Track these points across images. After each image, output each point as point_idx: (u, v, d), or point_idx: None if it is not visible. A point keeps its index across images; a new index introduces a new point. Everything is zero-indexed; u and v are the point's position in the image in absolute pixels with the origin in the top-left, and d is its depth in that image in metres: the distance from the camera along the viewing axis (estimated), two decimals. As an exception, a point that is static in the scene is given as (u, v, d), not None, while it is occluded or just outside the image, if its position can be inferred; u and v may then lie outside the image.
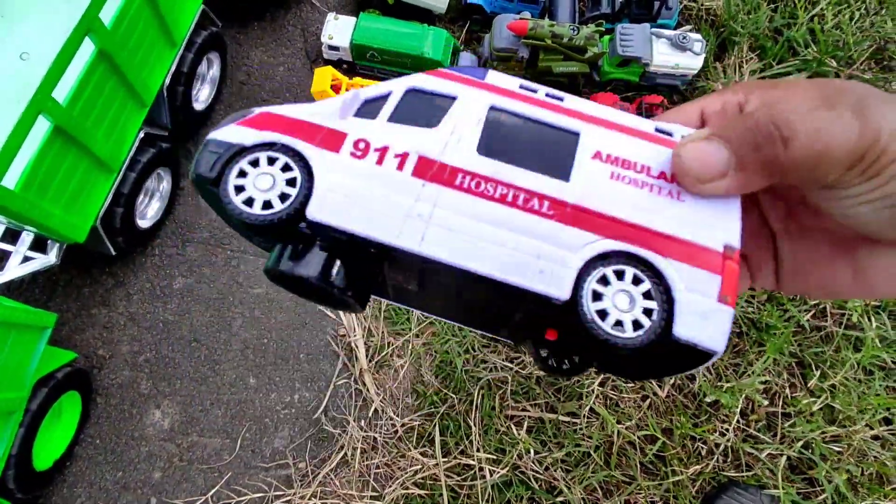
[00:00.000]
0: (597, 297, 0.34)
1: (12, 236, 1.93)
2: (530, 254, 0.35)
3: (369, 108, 0.40)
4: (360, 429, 2.25)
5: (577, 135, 0.39)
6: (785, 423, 2.29)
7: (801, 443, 2.24)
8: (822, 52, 2.67)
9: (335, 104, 0.41)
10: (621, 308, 0.34)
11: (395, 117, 0.40)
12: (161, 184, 2.19)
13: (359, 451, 2.23)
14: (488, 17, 2.65)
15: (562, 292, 0.34)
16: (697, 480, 2.24)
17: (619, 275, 0.34)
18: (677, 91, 2.69)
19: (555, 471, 2.23)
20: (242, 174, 0.39)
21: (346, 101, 0.41)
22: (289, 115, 0.41)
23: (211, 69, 2.33)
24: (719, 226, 0.36)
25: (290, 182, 0.38)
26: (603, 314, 0.34)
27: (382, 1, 2.56)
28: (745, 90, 0.39)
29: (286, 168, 0.38)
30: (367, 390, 2.31)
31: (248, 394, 2.25)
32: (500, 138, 0.38)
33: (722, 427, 2.26)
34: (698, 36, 2.56)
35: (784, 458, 2.22)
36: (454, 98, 0.40)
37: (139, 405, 2.17)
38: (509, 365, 2.36)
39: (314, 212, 0.36)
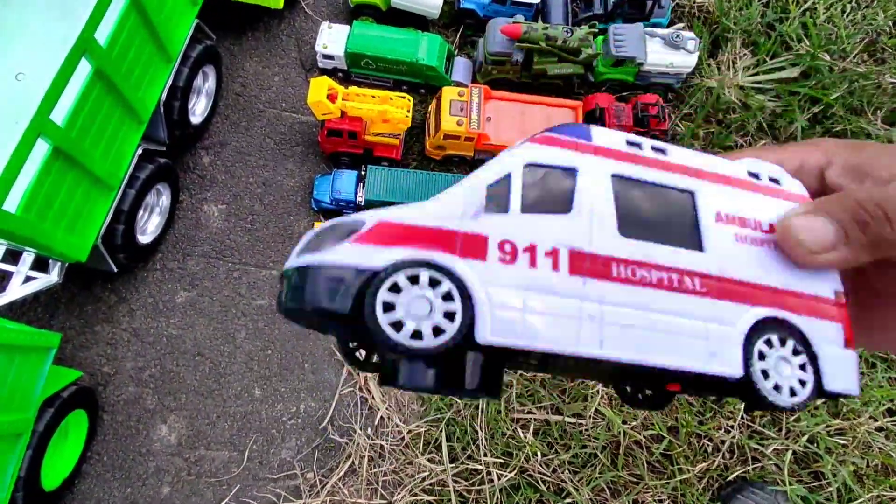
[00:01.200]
0: (765, 374, 0.37)
1: (13, 256, 1.93)
2: (699, 336, 0.36)
3: (495, 197, 0.38)
4: (366, 437, 2.26)
5: (692, 194, 0.40)
6: (790, 417, 2.31)
7: (806, 437, 2.25)
8: (815, 47, 2.68)
9: (456, 199, 0.38)
10: (785, 375, 0.37)
11: (526, 206, 0.38)
12: (160, 199, 2.19)
13: (366, 459, 2.23)
14: (481, 21, 2.66)
15: (735, 370, 0.37)
16: (704, 478, 2.25)
17: (770, 343, 0.38)
18: (672, 89, 2.70)
19: (562, 472, 2.24)
20: (390, 307, 0.34)
21: (468, 194, 0.38)
22: (413, 223, 0.36)
23: (207, 82, 2.33)
24: (824, 274, 0.39)
25: (447, 297, 0.34)
26: (771, 384, 0.37)
27: (376, 8, 2.56)
28: (825, 151, 0.41)
29: (434, 283, 0.35)
30: (373, 398, 2.31)
31: (254, 405, 2.26)
32: (632, 212, 0.39)
33: (727, 424, 2.27)
34: (691, 34, 2.57)
35: (790, 452, 2.23)
36: (575, 171, 0.39)
37: (145, 420, 2.17)
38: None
39: (486, 335, 0.34)
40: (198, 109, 2.32)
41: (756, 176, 0.42)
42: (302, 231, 2.44)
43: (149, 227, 2.17)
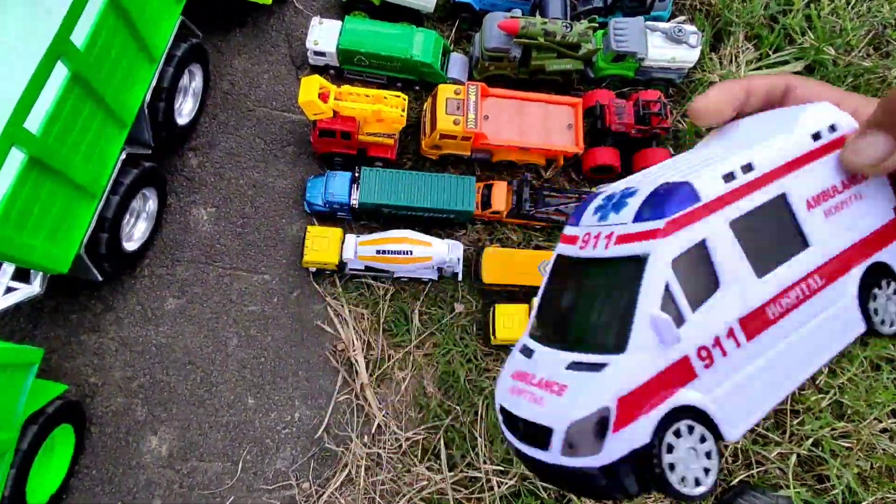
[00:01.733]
0: (876, 312, 0.44)
1: None
2: (833, 322, 0.42)
3: (668, 310, 0.39)
4: (363, 445, 2.20)
5: (784, 196, 0.43)
6: (794, 420, 2.27)
7: (810, 440, 2.22)
8: (819, 40, 2.61)
9: (645, 338, 0.38)
10: (891, 311, 0.44)
11: (692, 303, 0.39)
12: (147, 203, 2.12)
13: (363, 468, 2.18)
14: (477, 14, 2.58)
15: (862, 328, 0.44)
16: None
17: (879, 286, 0.44)
18: (674, 85, 2.63)
19: (563, 479, 2.20)
20: (672, 467, 0.37)
21: (659, 326, 0.38)
22: (639, 384, 0.37)
23: (193, 81, 2.25)
24: (888, 199, 0.46)
25: (702, 440, 0.38)
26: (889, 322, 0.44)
27: (368, 2, 2.48)
28: (785, 78, 0.47)
29: (690, 429, 0.38)
30: (369, 405, 2.26)
31: (248, 414, 2.20)
32: (754, 249, 0.41)
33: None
34: (693, 28, 2.50)
35: (794, 456, 2.20)
36: (704, 242, 0.40)
37: (135, 432, 2.11)
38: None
39: (736, 436, 0.39)
40: (184, 110, 2.24)
41: (818, 136, 0.44)
42: (294, 234, 2.38)
43: (135, 234, 2.10)
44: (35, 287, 1.81)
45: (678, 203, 0.39)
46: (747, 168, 0.42)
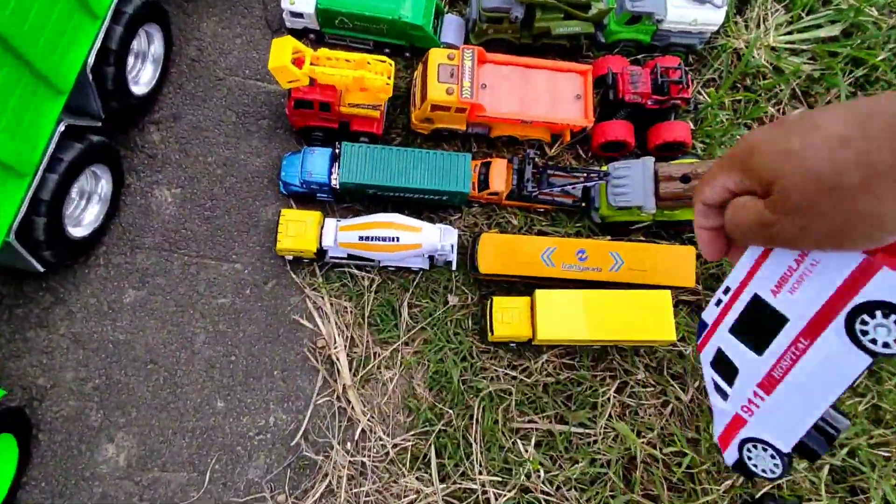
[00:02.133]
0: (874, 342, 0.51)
1: None
2: (832, 361, 0.53)
3: (720, 391, 0.64)
4: (345, 453, 1.98)
5: (756, 295, 0.57)
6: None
7: (845, 450, 1.99)
8: (859, 0, 2.33)
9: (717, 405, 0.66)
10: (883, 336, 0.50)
11: (728, 384, 0.62)
12: (99, 184, 1.87)
13: (345, 478, 1.96)
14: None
15: (863, 361, 0.53)
16: (728, 494, 1.99)
17: (864, 321, 0.51)
18: (694, 52, 2.36)
19: (567, 491, 1.98)
20: (755, 465, 0.63)
21: (713, 404, 0.66)
22: (721, 432, 0.65)
23: (152, 45, 1.99)
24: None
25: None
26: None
27: (350, -43, 2.19)
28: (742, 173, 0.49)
29: (759, 447, 0.62)
30: (353, 408, 2.04)
31: (216, 419, 1.98)
32: (751, 337, 0.59)
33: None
34: (719, -15, 2.21)
35: (827, 467, 1.97)
36: (720, 348, 0.63)
37: (89, 439, 1.89)
38: (512, 373, 2.09)
39: (784, 446, 0.59)
40: (142, 78, 1.98)
41: None
42: (269, 218, 2.13)
43: (85, 218, 1.85)
44: None
45: (702, 331, 0.63)
46: (726, 290, 0.59)
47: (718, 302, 0.59)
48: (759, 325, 0.55)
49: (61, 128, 1.59)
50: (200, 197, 2.12)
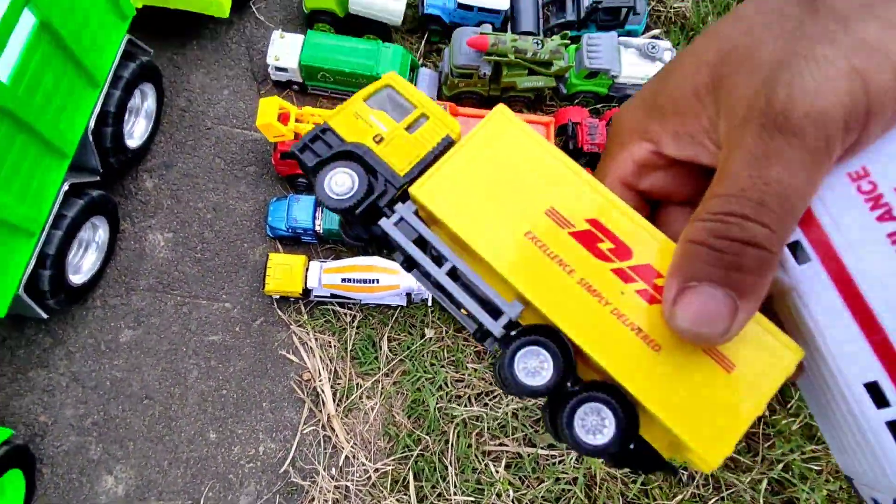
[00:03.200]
0: None
1: None
2: None
3: None
4: (330, 478, 2.14)
5: None
6: (765, 443, 2.26)
7: (781, 465, 2.21)
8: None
9: None
10: None
11: None
12: (97, 233, 2.01)
13: (330, 502, 2.12)
14: (447, 27, 2.49)
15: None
16: (679, 507, 2.20)
17: None
18: (648, 100, 2.57)
19: (535, 508, 2.17)
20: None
21: None
22: None
23: (146, 101, 2.13)
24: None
25: None
26: None
27: (333, 14, 2.37)
28: (641, 133, 0.33)
29: None
30: (337, 436, 2.19)
31: (209, 449, 2.12)
32: None
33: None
34: (668, 44, 2.44)
35: (765, 481, 2.20)
36: None
37: (89, 472, 2.02)
38: (484, 400, 2.27)
39: None
40: (136, 132, 2.12)
41: None
42: (257, 259, 2.28)
43: (84, 265, 1.98)
44: None
45: None
46: (878, 395, 0.32)
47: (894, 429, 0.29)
48: None
49: (65, 187, 1.73)
50: (192, 240, 2.26)
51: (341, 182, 0.37)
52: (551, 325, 0.33)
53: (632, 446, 0.34)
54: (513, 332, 0.34)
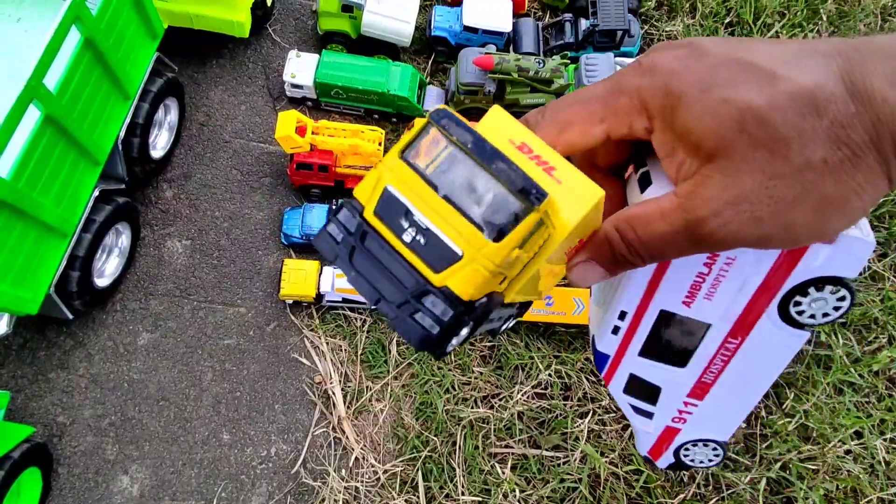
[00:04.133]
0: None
1: None
2: (766, 347, 0.48)
3: (645, 414, 0.57)
4: (340, 479, 2.19)
5: (663, 311, 0.48)
6: (763, 444, 2.33)
7: (779, 464, 2.28)
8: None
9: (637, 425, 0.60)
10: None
11: (651, 403, 0.55)
12: (120, 239, 2.09)
13: (340, 502, 2.16)
14: (453, 48, 2.63)
15: (800, 337, 0.49)
16: (682, 507, 2.26)
17: None
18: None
19: (541, 508, 2.22)
20: (692, 461, 0.63)
21: (636, 429, 0.61)
22: (653, 443, 0.60)
23: (168, 115, 2.24)
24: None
25: None
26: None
27: (346, 35, 2.51)
28: (651, 114, 0.35)
29: (698, 444, 0.60)
30: (347, 438, 2.25)
31: (223, 451, 2.17)
32: (669, 352, 0.50)
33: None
34: (661, 64, 2.59)
35: (763, 481, 2.26)
36: (632, 374, 0.54)
37: (105, 472, 2.06)
38: (492, 402, 2.34)
39: (722, 437, 0.58)
40: (159, 143, 2.23)
41: None
42: (271, 266, 2.37)
43: (107, 269, 2.07)
44: (2, 327, 1.78)
45: (603, 362, 0.53)
46: (622, 315, 0.49)
47: (615, 329, 0.50)
48: (675, 339, 0.49)
49: (96, 193, 1.83)
50: (208, 248, 2.35)
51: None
52: None
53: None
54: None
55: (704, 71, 0.32)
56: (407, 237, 0.31)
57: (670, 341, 0.49)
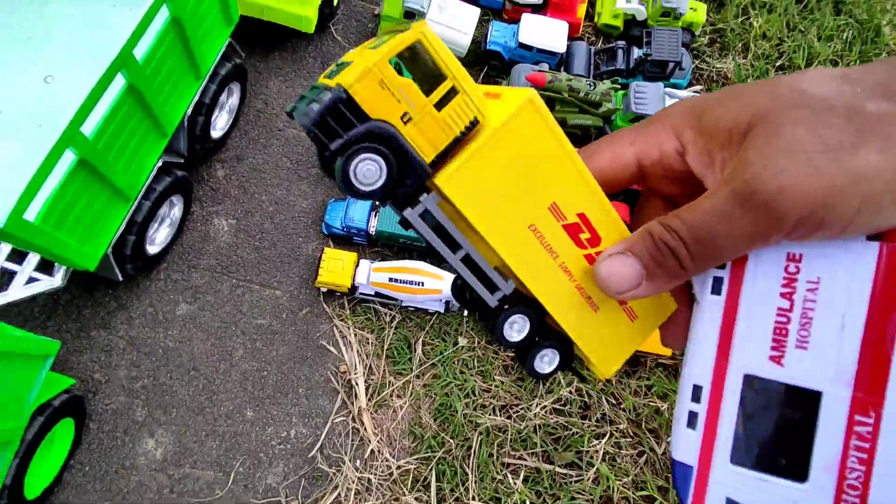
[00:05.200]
0: None
1: (19, 255, 1.91)
2: None
3: None
4: (355, 469, 2.23)
5: (747, 377, 0.34)
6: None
7: None
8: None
9: None
10: None
11: None
12: (172, 210, 2.18)
13: (353, 492, 2.20)
14: (506, 63, 2.70)
15: None
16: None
17: None
18: (686, 148, 2.75)
19: (549, 523, 2.22)
20: None
21: None
22: None
23: (231, 98, 2.34)
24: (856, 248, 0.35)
25: None
26: None
27: (404, 41, 2.60)
28: (675, 131, 0.36)
29: None
30: (365, 430, 2.29)
31: (245, 426, 2.22)
32: (772, 462, 0.33)
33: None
34: (710, 97, 2.62)
35: None
36: (728, 498, 0.34)
37: (132, 433, 2.13)
38: (510, 412, 2.36)
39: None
40: (219, 124, 2.33)
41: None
42: (309, 254, 2.44)
43: (157, 238, 2.16)
44: (57, 280, 1.87)
45: (686, 480, 0.35)
46: (696, 395, 0.35)
47: (691, 421, 0.34)
48: (778, 428, 0.32)
49: (159, 163, 1.92)
50: (252, 229, 2.43)
51: (368, 171, 0.34)
52: (531, 295, 0.40)
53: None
54: (505, 306, 0.41)
55: (722, 91, 0.35)
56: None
57: (771, 433, 0.32)
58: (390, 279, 2.23)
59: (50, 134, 1.31)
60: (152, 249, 2.11)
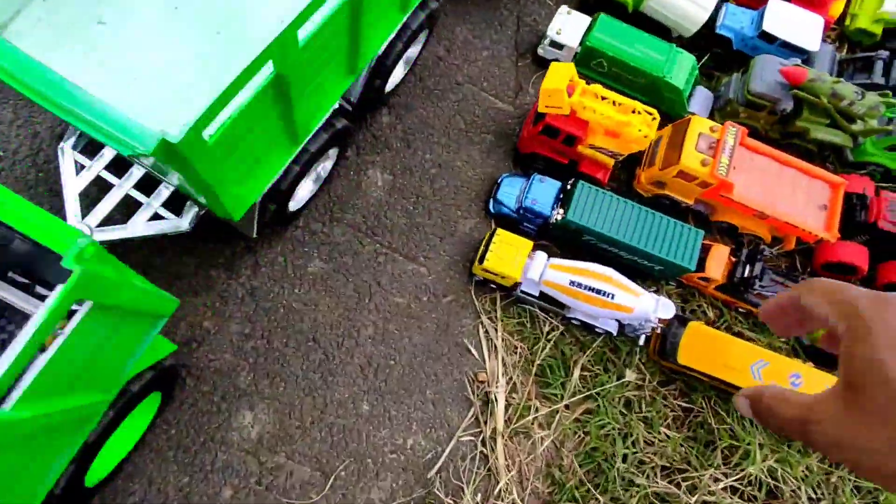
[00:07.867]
0: None
1: (148, 187, 1.59)
2: None
3: None
4: (477, 505, 1.78)
5: None
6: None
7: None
8: None
9: None
10: None
11: None
12: (322, 164, 1.84)
13: (471, 534, 1.75)
14: (732, 53, 2.23)
15: None
16: None
17: None
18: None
19: None
20: None
21: None
22: None
23: (414, 47, 1.99)
24: None
25: None
26: None
27: (621, 6, 2.17)
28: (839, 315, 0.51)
29: None
30: (496, 459, 1.84)
31: (357, 422, 1.82)
32: None
33: None
34: None
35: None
36: None
37: (231, 400, 1.76)
38: (676, 478, 1.85)
39: None
40: (395, 75, 1.98)
41: None
42: (466, 232, 2.03)
43: (299, 193, 1.82)
44: (185, 222, 1.56)
45: None
46: None
47: None
48: None
49: (336, 105, 1.58)
50: (408, 190, 2.05)
51: None
52: None
53: None
54: None
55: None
56: None
57: None
58: (571, 282, 1.78)
59: (230, 43, 1.00)
60: (293, 206, 1.78)
